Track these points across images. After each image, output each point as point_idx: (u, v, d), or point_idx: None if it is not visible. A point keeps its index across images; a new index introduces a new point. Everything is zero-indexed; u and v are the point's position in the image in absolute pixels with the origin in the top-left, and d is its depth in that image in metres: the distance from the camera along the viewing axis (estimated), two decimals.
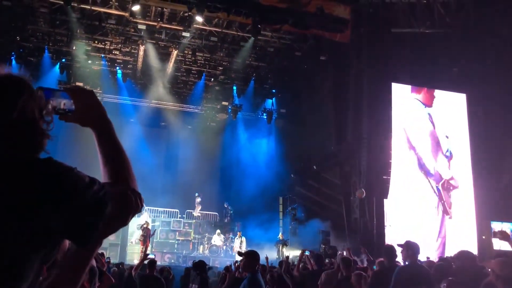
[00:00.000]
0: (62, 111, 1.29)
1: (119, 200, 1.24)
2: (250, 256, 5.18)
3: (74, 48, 17.82)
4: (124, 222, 1.29)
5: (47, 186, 1.07)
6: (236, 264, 12.21)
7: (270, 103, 22.11)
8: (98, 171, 1.34)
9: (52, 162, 1.13)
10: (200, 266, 7.87)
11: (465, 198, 16.06)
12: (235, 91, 20.89)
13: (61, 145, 15.49)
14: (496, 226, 14.36)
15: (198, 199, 20.04)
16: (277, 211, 20.33)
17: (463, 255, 4.77)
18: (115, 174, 1.31)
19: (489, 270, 4.21)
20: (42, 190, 1.06)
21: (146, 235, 16.75)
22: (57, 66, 18.81)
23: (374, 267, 7.31)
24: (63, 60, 18.80)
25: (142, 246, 16.74)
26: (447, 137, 16.35)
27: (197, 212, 20.13)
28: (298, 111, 20.56)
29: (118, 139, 1.37)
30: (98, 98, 1.42)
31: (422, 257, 8.03)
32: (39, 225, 1.07)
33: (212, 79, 20.40)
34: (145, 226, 16.95)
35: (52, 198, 1.07)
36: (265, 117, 21.84)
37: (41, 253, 1.12)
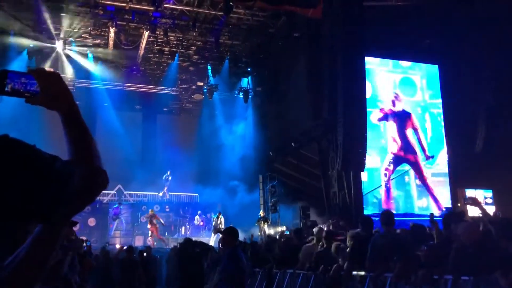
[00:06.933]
0: (28, 94, 1.27)
1: (84, 178, 1.24)
2: (229, 233, 5.35)
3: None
4: (90, 200, 1.30)
5: (6, 164, 1.05)
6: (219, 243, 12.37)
7: (246, 82, 21.95)
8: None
9: (9, 139, 1.10)
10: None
11: (441, 167, 16.44)
12: (209, 71, 20.63)
13: (34, 130, 15.25)
14: (471, 193, 14.76)
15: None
16: (257, 189, 20.43)
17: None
18: (80, 153, 1.32)
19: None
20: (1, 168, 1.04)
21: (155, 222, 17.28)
22: (25, 52, 18.25)
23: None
24: (31, 45, 18.23)
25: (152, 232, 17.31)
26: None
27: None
28: (274, 89, 20.50)
29: (84, 120, 1.37)
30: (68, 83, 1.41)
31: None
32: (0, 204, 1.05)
33: (186, 59, 20.10)
34: (150, 213, 17.44)
35: (12, 177, 1.05)
36: (242, 96, 21.72)
37: (6, 231, 1.11)
